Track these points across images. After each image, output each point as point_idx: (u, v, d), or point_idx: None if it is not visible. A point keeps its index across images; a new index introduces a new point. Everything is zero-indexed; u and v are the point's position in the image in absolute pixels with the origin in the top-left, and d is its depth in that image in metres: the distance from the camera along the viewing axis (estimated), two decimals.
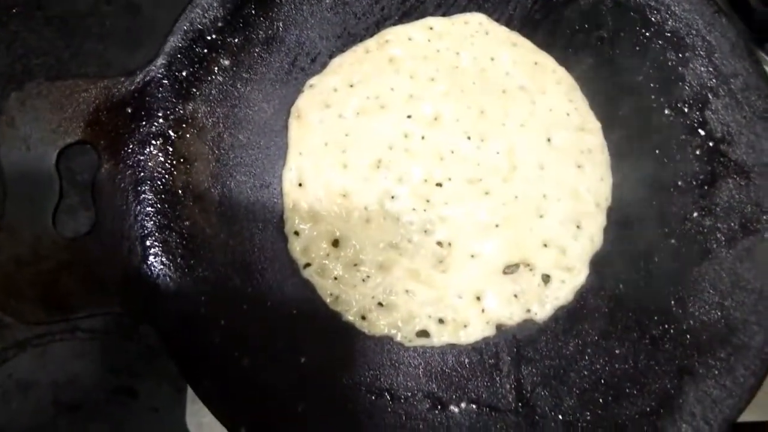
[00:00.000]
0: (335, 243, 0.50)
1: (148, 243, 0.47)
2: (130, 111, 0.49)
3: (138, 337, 0.62)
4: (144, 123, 0.49)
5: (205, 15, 0.52)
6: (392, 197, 0.51)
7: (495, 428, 0.45)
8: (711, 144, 0.52)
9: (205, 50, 0.52)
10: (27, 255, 0.46)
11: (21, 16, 0.70)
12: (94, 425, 0.63)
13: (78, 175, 0.51)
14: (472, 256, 0.50)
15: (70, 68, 0.68)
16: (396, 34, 0.56)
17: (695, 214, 0.51)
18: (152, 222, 0.47)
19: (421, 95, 0.54)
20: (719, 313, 0.48)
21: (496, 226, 0.51)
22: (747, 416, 0.55)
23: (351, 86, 0.54)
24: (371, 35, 0.55)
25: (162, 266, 0.47)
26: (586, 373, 0.47)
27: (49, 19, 0.70)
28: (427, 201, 0.51)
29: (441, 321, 0.48)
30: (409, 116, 0.53)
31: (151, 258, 0.47)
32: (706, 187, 0.51)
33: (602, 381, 0.47)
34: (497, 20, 0.56)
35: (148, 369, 0.63)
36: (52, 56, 0.68)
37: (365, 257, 0.50)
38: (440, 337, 0.48)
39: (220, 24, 0.52)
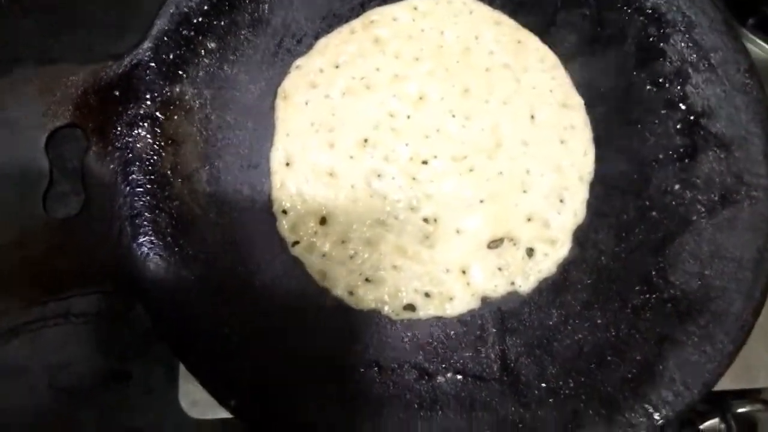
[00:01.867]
0: (323, 221, 0.51)
1: (137, 223, 0.48)
2: (118, 94, 0.50)
3: (130, 321, 0.63)
4: (132, 105, 0.50)
5: None
6: (379, 175, 0.52)
7: (480, 397, 0.47)
8: (691, 118, 0.53)
9: (192, 33, 0.52)
10: (19, 237, 0.47)
11: (5, 7, 0.70)
12: (90, 408, 0.64)
13: (67, 158, 0.51)
14: (458, 231, 0.51)
15: (56, 55, 0.68)
16: (381, 15, 0.56)
17: (676, 187, 0.51)
18: (141, 202, 0.48)
19: (407, 75, 0.55)
20: (699, 282, 0.48)
21: (481, 201, 0.52)
22: (726, 384, 0.57)
23: (337, 67, 0.54)
24: (356, 16, 0.56)
25: (152, 246, 0.47)
26: (568, 342, 0.48)
27: (34, 8, 0.70)
28: (413, 179, 0.52)
29: (427, 295, 0.49)
30: (394, 95, 0.54)
31: (140, 238, 0.47)
32: (686, 160, 0.52)
33: (584, 350, 0.48)
34: (480, 0, 0.57)
35: (140, 351, 0.64)
36: (38, 45, 0.69)
37: (353, 234, 0.50)
38: (426, 310, 0.49)
39: (205, 7, 0.53)
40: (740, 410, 0.64)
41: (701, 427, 0.68)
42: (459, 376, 0.47)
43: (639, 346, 0.48)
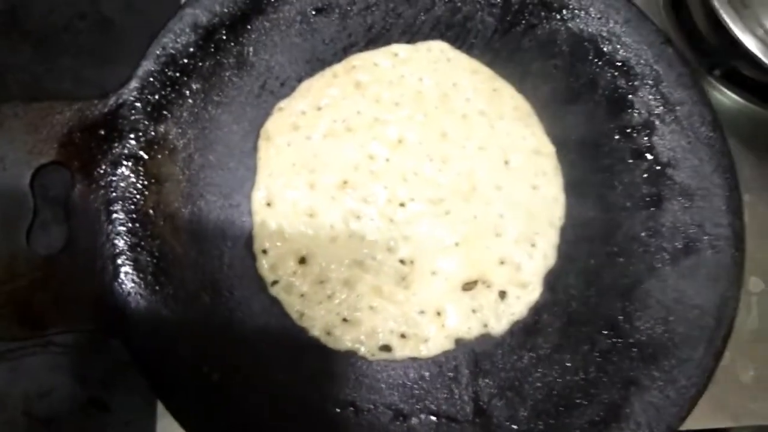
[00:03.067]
0: (302, 260, 0.52)
1: (119, 261, 0.48)
2: (103, 133, 0.51)
3: (111, 351, 0.63)
4: (116, 144, 0.51)
5: (178, 40, 0.54)
6: (357, 216, 0.53)
7: None
8: (658, 168, 0.55)
9: (177, 74, 0.54)
10: (1, 273, 0.47)
11: None
12: None
13: (52, 195, 0.52)
14: (434, 273, 0.52)
15: (45, 85, 0.69)
16: (362, 60, 0.58)
17: (642, 234, 0.54)
18: (124, 241, 0.49)
19: (386, 119, 0.56)
20: (664, 328, 0.50)
21: (456, 244, 0.53)
22: (690, 425, 0.58)
23: (319, 109, 0.56)
24: (339, 60, 0.58)
25: (133, 284, 0.48)
26: (539, 384, 0.50)
27: (25, 36, 0.71)
28: (391, 220, 0.53)
29: (403, 336, 0.51)
30: (374, 138, 0.56)
31: (122, 276, 0.48)
32: (653, 209, 0.54)
33: (554, 392, 0.49)
34: (459, 48, 0.59)
35: (120, 382, 0.64)
36: (27, 73, 0.69)
37: (331, 274, 0.52)
38: (402, 351, 0.50)
39: (191, 49, 0.54)
40: None
41: None
42: (433, 418, 0.49)
43: (606, 388, 0.49)
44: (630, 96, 0.57)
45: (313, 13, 0.58)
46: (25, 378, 0.62)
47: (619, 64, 0.58)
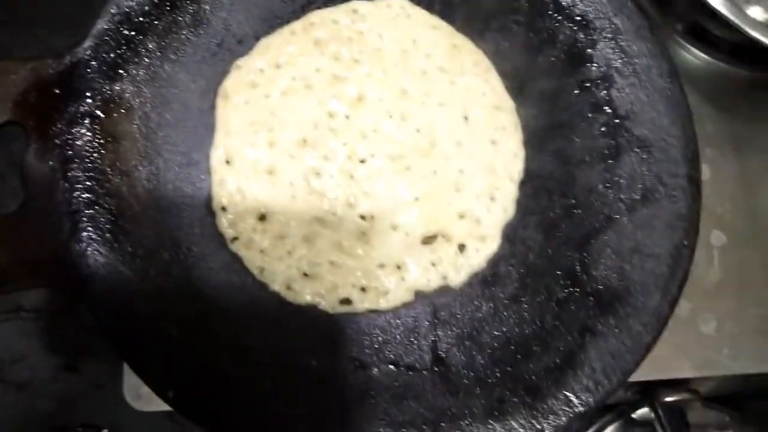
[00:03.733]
0: (262, 217, 0.52)
1: (76, 219, 0.48)
2: (58, 92, 0.50)
3: (80, 316, 0.63)
4: (72, 103, 0.50)
5: None
6: (317, 174, 0.53)
7: (412, 386, 0.48)
8: (616, 121, 0.56)
9: (132, 32, 0.53)
10: None
11: None
12: (41, 402, 0.65)
13: (7, 155, 0.52)
14: (394, 228, 0.53)
15: (10, 50, 0.68)
16: (321, 17, 0.58)
17: (600, 186, 0.54)
18: (80, 199, 0.49)
19: (346, 76, 0.56)
20: (619, 277, 0.51)
21: (416, 199, 0.54)
22: (655, 374, 0.60)
23: (277, 67, 0.56)
24: (297, 18, 0.57)
25: (90, 241, 0.48)
26: (497, 333, 0.50)
27: None
28: (351, 177, 0.54)
29: (363, 289, 0.51)
30: (333, 96, 0.55)
31: (79, 234, 0.48)
32: (610, 161, 0.55)
33: (512, 341, 0.50)
34: (418, 4, 0.59)
35: (89, 346, 0.65)
36: None
37: (291, 231, 0.52)
38: (362, 303, 0.51)
39: (146, 7, 0.54)
40: (668, 399, 0.68)
41: (633, 415, 0.71)
42: (392, 367, 0.49)
43: (562, 337, 0.50)
44: (589, 50, 0.58)
45: None
46: None
47: (579, 18, 0.58)
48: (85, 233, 0.48)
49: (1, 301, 0.65)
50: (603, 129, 0.56)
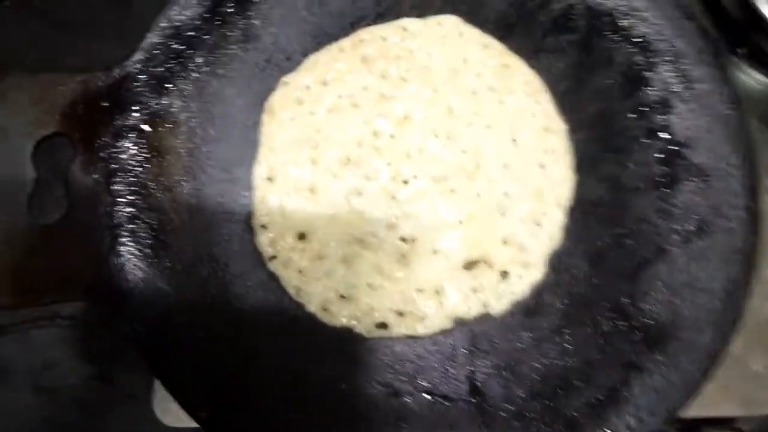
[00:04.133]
0: (301, 236, 0.51)
1: (117, 232, 0.49)
2: (106, 105, 0.51)
3: (115, 325, 0.64)
4: (119, 116, 0.51)
5: (183, 12, 0.53)
6: (359, 193, 0.53)
7: (447, 416, 0.47)
8: (673, 147, 0.53)
9: (182, 47, 0.53)
10: (1, 241, 0.48)
11: (13, 9, 0.72)
12: (72, 410, 0.65)
13: (53, 166, 0.52)
14: (435, 251, 0.52)
15: (58, 62, 0.69)
16: (370, 34, 0.57)
17: (653, 216, 0.52)
18: (123, 213, 0.49)
19: (393, 94, 0.55)
20: (670, 311, 0.49)
21: (460, 222, 0.52)
22: (698, 412, 0.57)
23: (324, 84, 0.55)
24: (346, 35, 0.57)
25: (130, 255, 0.48)
26: (537, 365, 0.48)
27: (41, 12, 0.71)
28: (393, 198, 0.53)
29: (400, 314, 0.50)
30: (379, 114, 0.55)
31: (119, 247, 0.48)
32: (665, 189, 0.52)
33: (553, 374, 0.48)
34: (471, 23, 0.58)
35: (123, 355, 0.65)
36: (42, 49, 0.70)
37: (330, 251, 0.51)
38: (399, 329, 0.50)
39: (197, 22, 0.54)
40: None
41: None
42: (427, 396, 0.48)
43: (606, 371, 0.48)
44: (647, 73, 0.55)
45: None
46: (32, 351, 0.63)
47: (638, 39, 0.56)
48: (125, 247, 0.48)
49: (38, 308, 0.66)
50: (659, 155, 0.53)
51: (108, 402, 0.62)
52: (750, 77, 0.67)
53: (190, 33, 0.54)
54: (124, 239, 0.48)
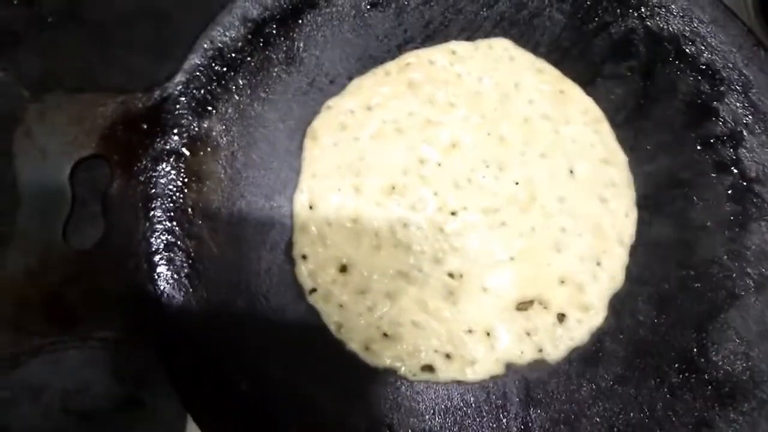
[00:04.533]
0: (343, 269, 0.49)
1: (154, 260, 0.46)
2: (145, 127, 0.49)
3: (148, 348, 0.62)
4: (159, 139, 0.49)
5: (226, 33, 0.52)
6: (404, 225, 0.50)
7: None
8: (744, 184, 0.50)
9: (224, 69, 0.52)
10: (36, 265, 0.46)
11: (55, 25, 0.71)
12: None
13: (90, 189, 0.51)
14: (485, 289, 0.48)
15: (96, 77, 0.69)
16: (417, 57, 0.54)
17: (724, 257, 0.48)
18: (160, 239, 0.47)
19: (440, 120, 0.53)
20: (744, 364, 0.45)
21: (511, 259, 0.49)
22: None
23: (369, 109, 0.53)
24: (393, 58, 0.54)
25: (167, 284, 0.46)
26: (598, 420, 0.45)
27: (82, 27, 0.71)
28: (440, 230, 0.50)
29: (448, 356, 0.47)
30: (425, 141, 0.52)
31: (156, 275, 0.46)
32: (736, 229, 0.49)
33: (615, 429, 0.44)
34: (523, 46, 0.55)
35: (156, 379, 0.63)
36: (81, 63, 0.69)
37: (373, 285, 0.48)
38: (446, 372, 0.46)
39: (240, 43, 0.52)
40: None
41: None
42: None
43: (675, 429, 0.44)
44: (714, 103, 0.52)
45: (368, 7, 0.55)
46: (63, 372, 0.62)
47: (703, 67, 0.53)
48: (162, 275, 0.46)
49: None
50: (729, 192, 0.49)
51: (139, 426, 0.60)
52: None
53: (233, 54, 0.52)
54: (160, 267, 0.46)
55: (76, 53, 0.69)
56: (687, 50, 0.53)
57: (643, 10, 0.54)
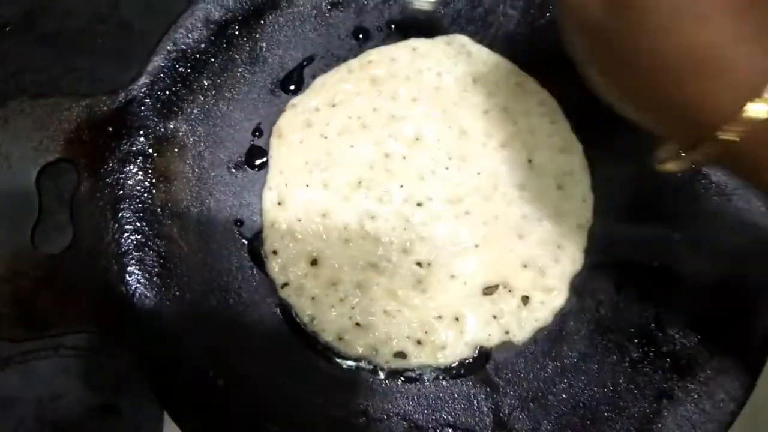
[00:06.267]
0: (314, 262, 0.50)
1: (125, 261, 0.47)
2: (111, 129, 0.49)
3: (121, 354, 0.62)
4: (125, 141, 0.49)
5: (189, 35, 0.52)
6: (372, 217, 0.51)
7: None
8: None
9: (188, 70, 0.52)
10: (5, 272, 0.46)
11: (14, 34, 0.71)
12: None
13: (57, 193, 0.51)
14: (452, 276, 0.50)
15: (61, 85, 0.68)
16: (379, 54, 0.56)
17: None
18: (130, 240, 0.47)
19: (403, 115, 0.54)
20: (700, 337, 0.47)
21: (476, 246, 0.50)
22: None
23: (333, 106, 0.54)
24: (354, 56, 0.56)
25: (138, 284, 0.47)
26: (564, 396, 0.47)
27: (43, 37, 0.71)
28: (407, 221, 0.51)
29: (419, 342, 0.48)
30: (390, 136, 0.53)
31: (127, 276, 0.47)
32: None
33: (581, 404, 0.46)
34: (480, 42, 0.57)
35: (131, 386, 0.63)
36: (44, 73, 0.69)
37: (343, 276, 0.49)
38: (418, 358, 0.48)
39: (203, 45, 0.53)
40: None
41: None
42: (450, 430, 0.46)
43: (637, 401, 0.46)
44: None
45: (329, 7, 0.56)
46: (37, 382, 0.61)
47: None
48: (133, 276, 0.47)
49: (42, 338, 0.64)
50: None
51: None
52: None
53: (196, 55, 0.52)
54: (131, 268, 0.47)
55: (37, 61, 0.69)
56: None
57: None
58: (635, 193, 0.52)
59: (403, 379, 0.48)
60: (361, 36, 0.56)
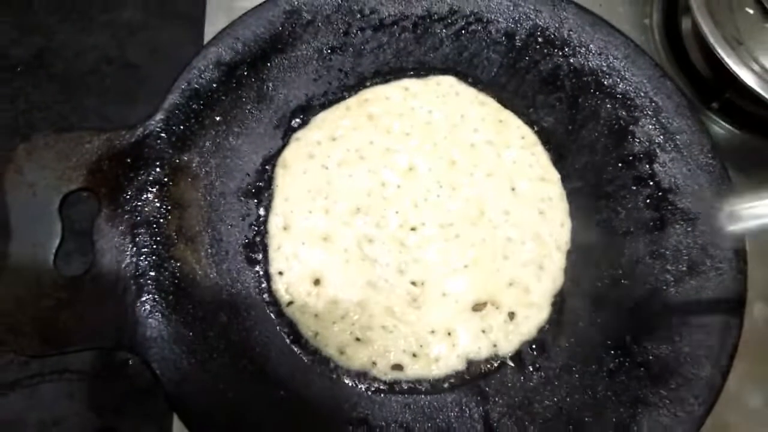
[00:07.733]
0: (317, 282, 0.54)
1: (141, 282, 0.50)
2: (129, 161, 0.53)
3: (125, 378, 0.64)
4: (142, 171, 0.53)
5: (202, 76, 0.57)
6: (370, 241, 0.55)
7: None
8: (659, 194, 0.57)
9: (201, 107, 0.57)
10: (28, 293, 0.49)
11: (25, 74, 0.75)
12: None
13: (78, 219, 0.54)
14: (444, 294, 0.54)
15: (71, 122, 0.72)
16: (374, 94, 0.61)
17: (647, 258, 0.55)
18: (146, 263, 0.51)
19: (397, 148, 0.59)
20: (670, 348, 0.51)
21: (466, 266, 0.55)
22: None
23: (333, 140, 0.59)
24: (352, 94, 0.61)
25: (154, 303, 0.50)
26: (548, 403, 0.50)
27: (52, 77, 0.75)
28: (402, 244, 0.55)
29: (414, 355, 0.52)
30: (386, 166, 0.58)
31: (144, 296, 0.50)
32: (656, 233, 0.56)
33: (563, 411, 0.50)
34: (466, 82, 0.62)
35: (133, 409, 0.65)
36: (54, 111, 0.73)
37: (344, 295, 0.54)
38: (413, 370, 0.52)
39: (214, 84, 0.57)
40: None
41: None
42: None
43: (614, 407, 0.50)
44: (631, 126, 0.60)
45: (329, 51, 0.61)
46: (40, 405, 0.63)
47: (620, 96, 0.61)
48: (149, 296, 0.50)
49: (48, 362, 0.66)
50: (647, 201, 0.57)
51: None
52: (721, 128, 0.73)
53: (208, 94, 0.57)
54: (148, 288, 0.50)
55: (47, 100, 0.73)
56: (605, 82, 0.61)
57: (566, 49, 0.62)
58: (609, 218, 0.57)
59: (400, 389, 0.51)
60: (358, 77, 0.61)
